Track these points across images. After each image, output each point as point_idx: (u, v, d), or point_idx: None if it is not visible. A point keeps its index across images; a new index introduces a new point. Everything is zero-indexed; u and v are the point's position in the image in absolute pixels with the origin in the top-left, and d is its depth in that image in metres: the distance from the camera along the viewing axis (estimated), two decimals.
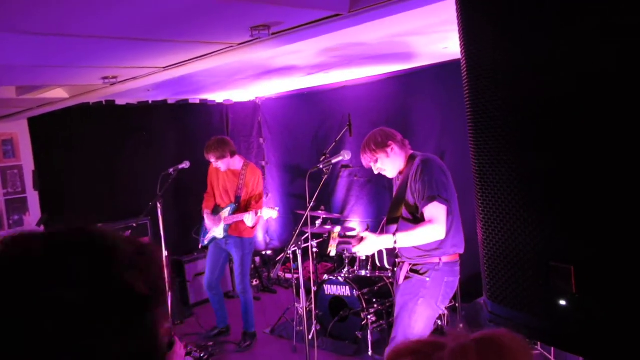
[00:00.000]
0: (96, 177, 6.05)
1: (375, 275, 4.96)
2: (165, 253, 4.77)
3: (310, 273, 5.40)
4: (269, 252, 7.64)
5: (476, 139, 1.20)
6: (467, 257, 3.29)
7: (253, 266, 7.03)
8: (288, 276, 6.87)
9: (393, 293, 4.28)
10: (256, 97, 7.62)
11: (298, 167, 7.17)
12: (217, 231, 5.05)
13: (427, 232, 3.05)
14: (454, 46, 4.24)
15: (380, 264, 3.45)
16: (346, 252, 4.99)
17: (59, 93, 4.51)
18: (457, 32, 1.31)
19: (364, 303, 4.58)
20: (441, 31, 3.57)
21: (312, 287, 4.51)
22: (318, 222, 5.51)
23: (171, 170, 4.85)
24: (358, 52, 4.24)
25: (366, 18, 2.44)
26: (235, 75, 4.97)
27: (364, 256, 4.91)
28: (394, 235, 3.12)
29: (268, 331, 5.42)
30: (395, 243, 3.13)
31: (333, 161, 3.74)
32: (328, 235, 3.89)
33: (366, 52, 4.29)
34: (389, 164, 3.31)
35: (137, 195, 6.06)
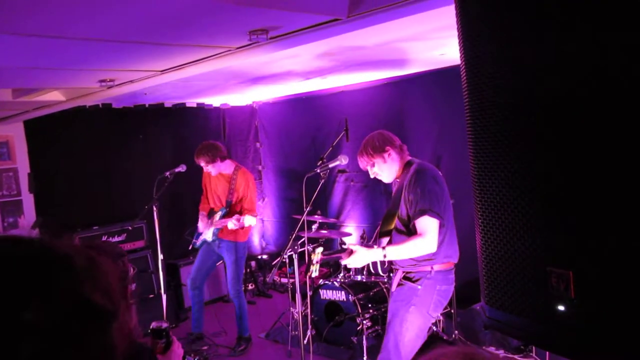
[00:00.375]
0: (92, 180, 6.04)
1: (371, 280, 4.94)
2: (160, 256, 4.75)
3: (305, 277, 5.38)
4: (265, 257, 7.62)
5: (475, 143, 1.20)
6: (463, 263, 3.28)
7: (249, 270, 7.01)
8: (284, 280, 6.86)
9: (389, 298, 4.27)
10: (253, 102, 7.62)
11: (295, 172, 7.17)
12: (208, 234, 5.08)
13: (418, 246, 3.03)
14: (452, 52, 4.26)
15: (374, 271, 3.44)
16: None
17: (56, 96, 4.50)
18: (455, 39, 1.32)
19: (360, 308, 4.57)
20: (439, 37, 3.58)
21: (308, 292, 4.50)
22: (314, 227, 5.51)
23: (167, 173, 4.84)
24: (356, 57, 4.24)
25: (365, 23, 2.45)
26: (232, 79, 4.97)
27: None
28: (384, 249, 3.12)
29: (263, 336, 5.41)
30: (384, 257, 3.13)
31: (330, 166, 3.74)
32: (309, 257, 3.85)
33: (364, 57, 4.29)
34: (386, 169, 3.30)
35: (133, 198, 6.04)
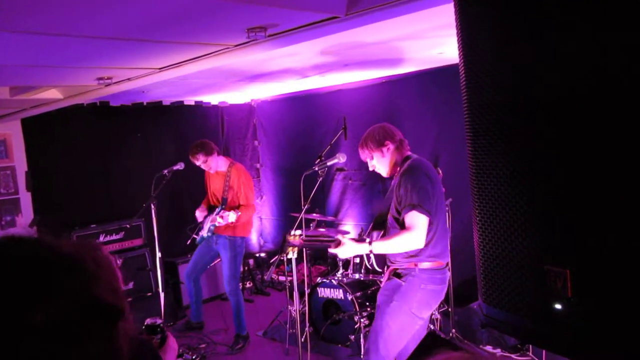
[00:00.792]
0: (89, 178, 6.03)
1: (368, 278, 4.95)
2: (158, 254, 4.76)
3: (304, 276, 5.39)
4: (263, 255, 7.63)
5: (473, 142, 1.20)
6: (460, 262, 3.29)
7: (247, 268, 7.02)
8: (282, 279, 6.86)
9: None
10: (251, 100, 7.61)
11: (293, 170, 7.16)
12: (204, 230, 5.14)
13: (405, 240, 3.04)
14: (450, 51, 4.26)
15: (371, 267, 3.45)
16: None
17: (53, 94, 4.49)
18: (453, 37, 1.31)
19: (357, 306, 4.58)
20: (437, 36, 3.58)
21: (306, 290, 4.50)
22: (312, 225, 5.51)
23: (165, 171, 4.84)
24: (354, 56, 4.24)
25: (363, 21, 2.44)
26: (231, 77, 4.96)
27: (358, 259, 4.92)
28: (370, 244, 3.13)
29: (261, 334, 5.41)
30: (371, 252, 3.16)
31: (328, 164, 3.74)
32: (283, 239, 3.74)
33: (362, 56, 4.29)
34: (384, 164, 3.31)
35: (131, 196, 6.04)
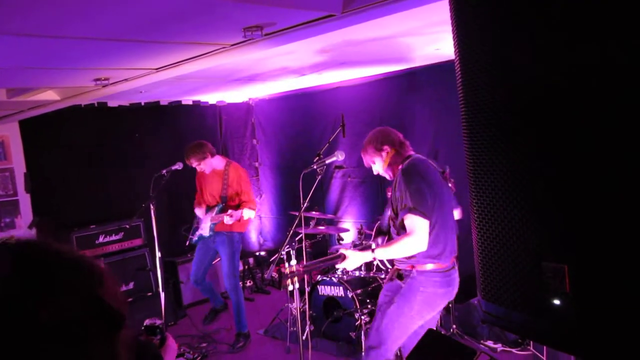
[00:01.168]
0: (88, 179, 6.03)
1: (369, 275, 4.96)
2: (158, 254, 4.76)
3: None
4: (263, 253, 7.63)
5: (471, 138, 1.20)
6: (461, 258, 3.28)
7: (247, 267, 7.02)
8: None
9: None
10: (249, 98, 7.61)
11: (291, 168, 7.16)
12: (205, 229, 5.13)
13: (406, 244, 3.02)
14: (446, 47, 4.26)
15: (383, 266, 3.48)
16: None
17: (50, 95, 4.48)
18: (449, 34, 1.31)
19: (358, 304, 4.58)
20: (434, 32, 3.58)
21: (306, 288, 4.51)
22: (312, 223, 5.51)
23: (164, 171, 4.84)
24: (351, 53, 4.24)
25: (359, 19, 2.44)
26: (228, 76, 4.96)
27: None
28: (373, 251, 3.13)
29: (262, 332, 5.42)
30: (374, 259, 3.17)
31: (327, 162, 3.74)
32: (279, 272, 3.65)
33: (359, 53, 4.29)
34: (385, 168, 3.32)
35: (130, 196, 6.05)
